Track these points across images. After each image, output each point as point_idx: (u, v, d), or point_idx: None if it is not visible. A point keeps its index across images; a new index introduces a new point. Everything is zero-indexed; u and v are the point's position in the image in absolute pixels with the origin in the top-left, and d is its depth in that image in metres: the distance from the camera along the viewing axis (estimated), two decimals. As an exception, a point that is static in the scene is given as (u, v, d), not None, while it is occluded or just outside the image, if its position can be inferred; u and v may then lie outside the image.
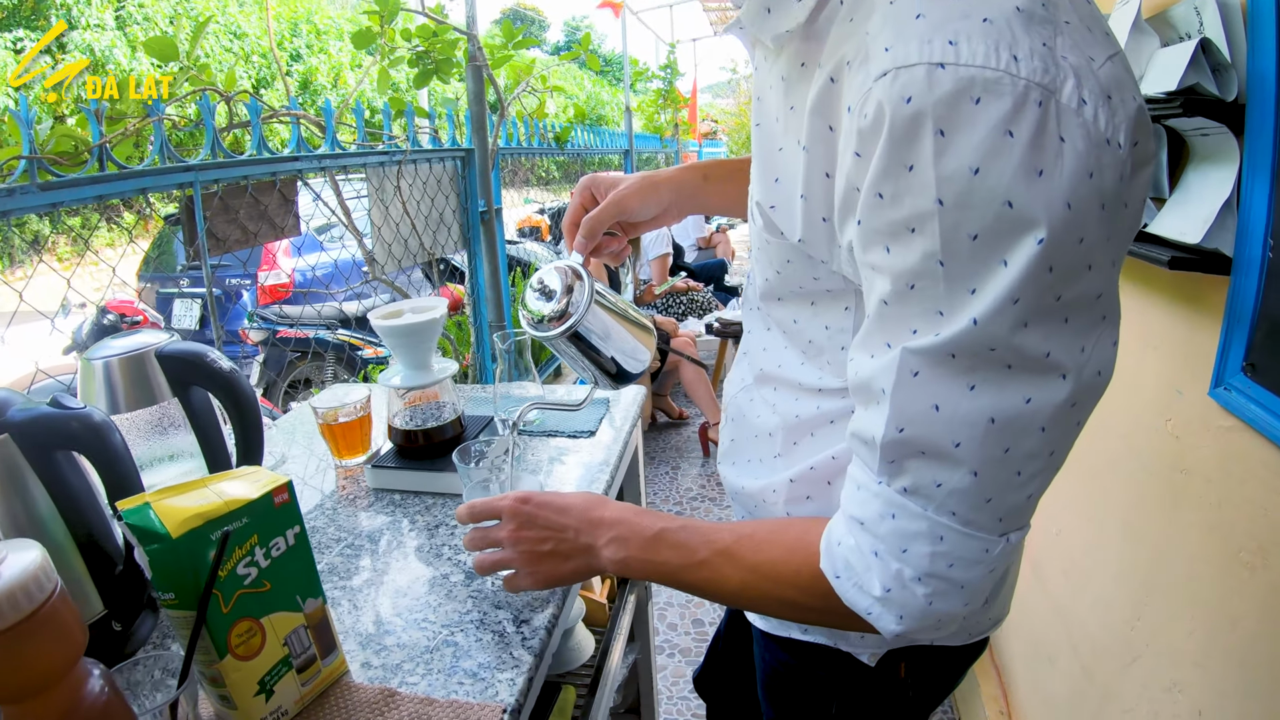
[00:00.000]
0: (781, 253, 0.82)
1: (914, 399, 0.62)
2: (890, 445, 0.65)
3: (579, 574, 0.95)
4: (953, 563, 0.66)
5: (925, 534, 0.66)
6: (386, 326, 1.30)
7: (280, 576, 0.82)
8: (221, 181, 1.87)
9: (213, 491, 0.77)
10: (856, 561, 0.70)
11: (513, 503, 0.96)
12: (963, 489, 0.63)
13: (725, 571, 0.84)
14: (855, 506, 0.70)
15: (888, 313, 0.63)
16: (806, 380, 0.89)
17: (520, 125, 3.67)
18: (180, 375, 1.06)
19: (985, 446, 0.61)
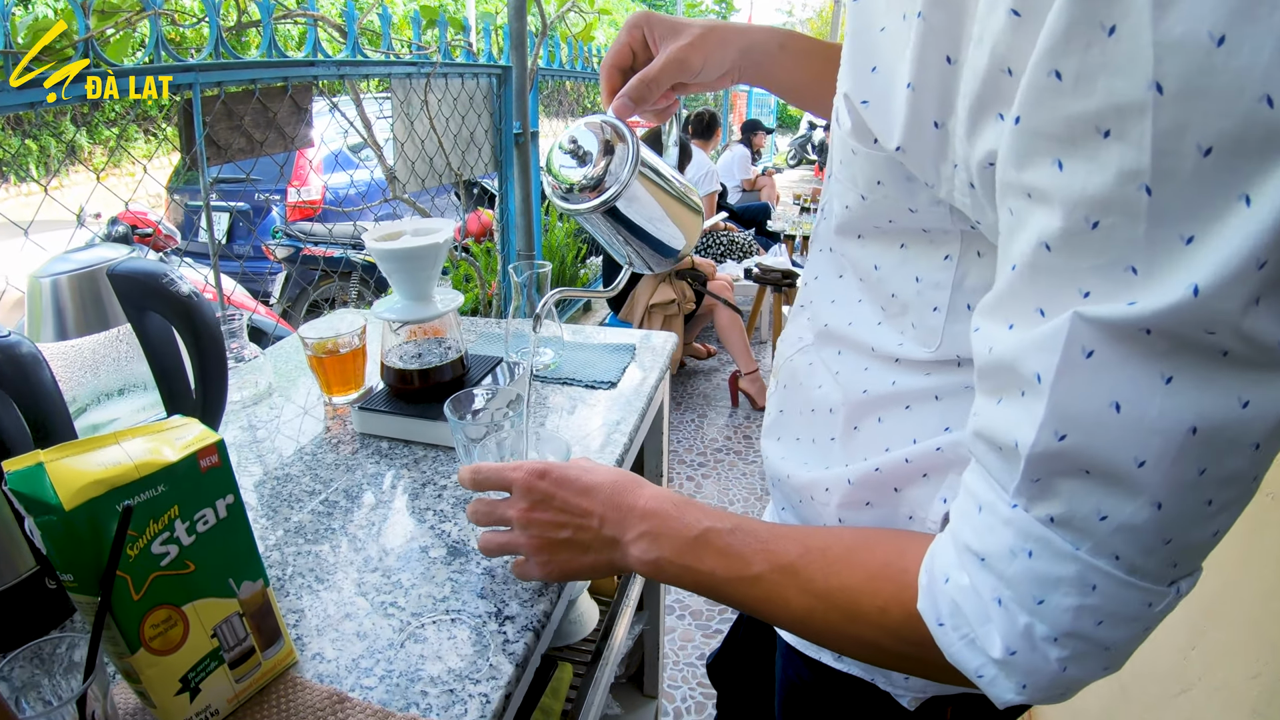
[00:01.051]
0: (870, 169, 0.62)
1: (1085, 392, 0.43)
2: (1041, 458, 0.45)
3: (598, 569, 0.79)
4: (1103, 619, 0.48)
5: (1072, 581, 0.47)
6: (382, 250, 1.14)
7: (208, 556, 0.67)
8: (225, 84, 1.70)
9: (123, 451, 0.63)
10: (970, 608, 0.52)
11: (526, 475, 0.79)
12: (1137, 525, 0.45)
13: (787, 593, 0.65)
14: (975, 535, 0.52)
15: (1048, 263, 0.44)
16: (882, 345, 0.70)
17: (564, 47, 3.46)
18: (133, 297, 0.92)
19: (1178, 467, 0.42)
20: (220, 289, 1.80)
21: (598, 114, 0.83)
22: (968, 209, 0.54)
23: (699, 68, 0.86)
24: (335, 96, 2.45)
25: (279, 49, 1.85)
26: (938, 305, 0.64)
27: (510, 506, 0.80)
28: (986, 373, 0.50)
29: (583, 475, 0.79)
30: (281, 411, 1.34)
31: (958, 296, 0.63)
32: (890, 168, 0.60)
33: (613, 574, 0.80)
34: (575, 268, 5.21)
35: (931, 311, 0.65)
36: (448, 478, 1.10)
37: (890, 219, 0.64)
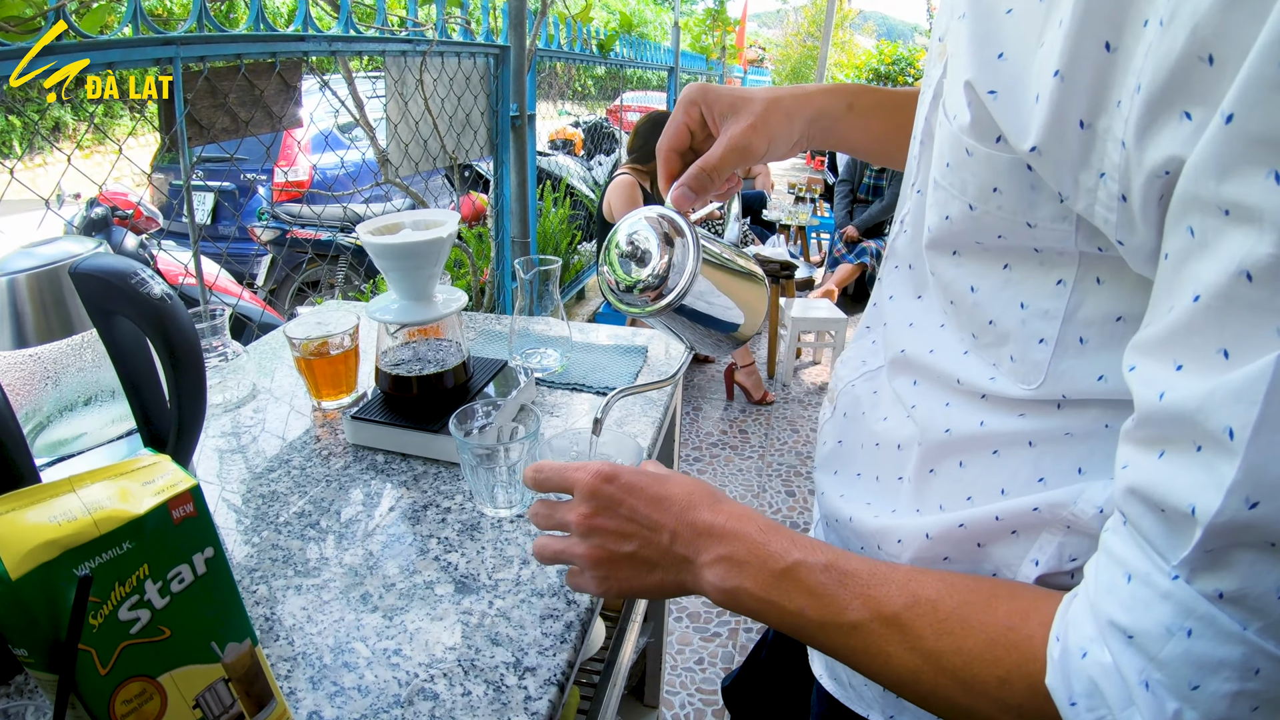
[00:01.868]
0: (988, 174, 0.53)
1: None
2: (1226, 528, 0.38)
3: (665, 590, 0.68)
4: (1259, 705, 0.41)
5: (1236, 665, 0.40)
6: (379, 245, 1.03)
7: (185, 618, 0.57)
8: (209, 59, 1.58)
9: (80, 502, 0.52)
10: (1111, 690, 0.44)
11: (591, 478, 0.68)
12: None
13: (889, 648, 0.56)
14: (1123, 609, 0.44)
15: (1247, 296, 0.36)
16: (969, 378, 0.61)
17: (562, 27, 3.34)
18: (99, 300, 0.81)
19: None
20: (201, 277, 1.69)
21: (655, 206, 0.75)
22: (1109, 227, 0.46)
23: (763, 151, 0.78)
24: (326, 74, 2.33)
25: (267, 23, 1.73)
26: (1045, 337, 0.55)
27: (570, 510, 0.69)
28: (1150, 420, 0.42)
29: (654, 483, 0.68)
30: (266, 416, 1.23)
31: (1069, 329, 0.54)
32: (1013, 173, 0.51)
33: (680, 595, 0.69)
34: (569, 255, 5.10)
35: (1037, 344, 0.56)
36: (451, 498, 1.00)
37: (1000, 234, 0.55)
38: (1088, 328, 0.54)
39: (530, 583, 0.85)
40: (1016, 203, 0.52)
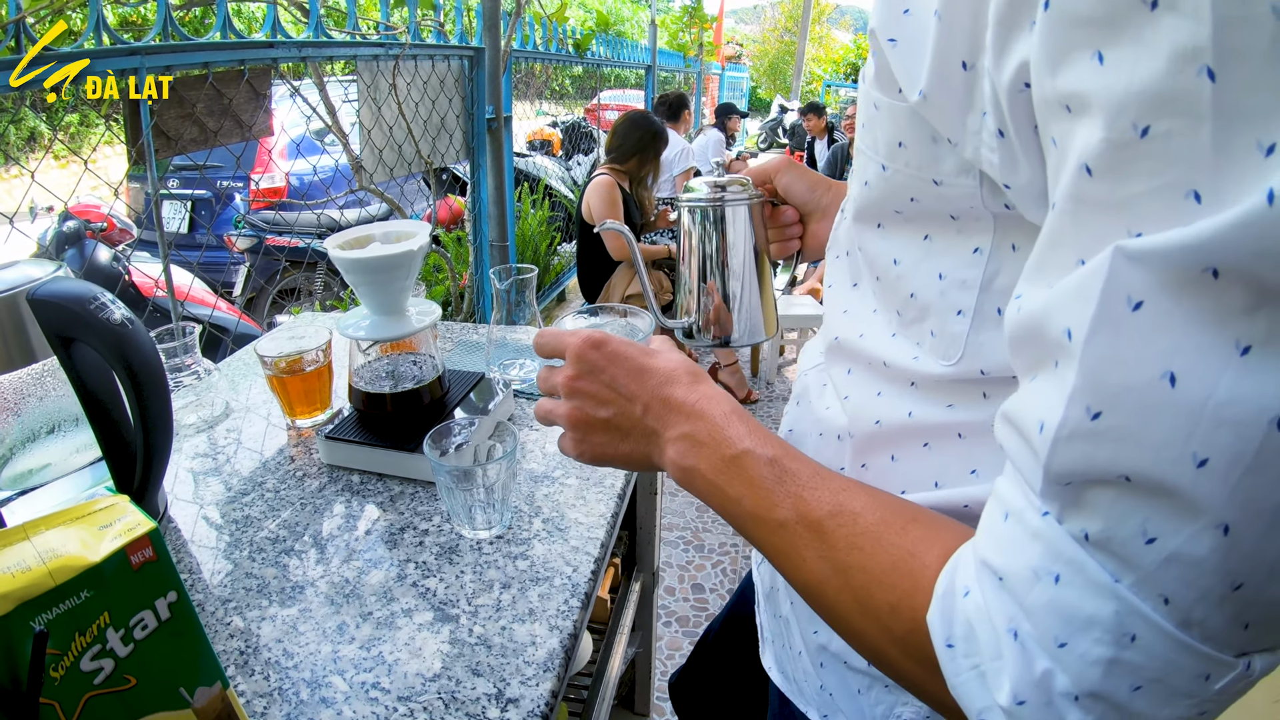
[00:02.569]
0: (892, 127, 0.53)
1: (1129, 356, 0.33)
2: (1068, 443, 0.35)
3: (634, 461, 0.68)
4: (1142, 684, 0.36)
5: (1107, 624, 0.36)
6: (348, 260, 1.00)
7: (151, 665, 0.55)
8: (176, 69, 1.55)
9: (35, 551, 0.50)
10: (983, 634, 0.41)
11: (581, 343, 0.68)
12: (1196, 556, 0.33)
13: (805, 552, 0.54)
14: (996, 547, 0.41)
15: (1090, 193, 0.34)
16: (895, 359, 0.61)
17: (537, 28, 3.32)
18: (58, 327, 0.78)
19: (1254, 476, 0.31)
20: (172, 290, 1.65)
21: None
22: (995, 170, 0.45)
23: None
24: (297, 80, 2.30)
25: (235, 30, 1.69)
26: (962, 308, 0.55)
27: (560, 373, 0.70)
28: (1017, 341, 0.40)
29: (640, 355, 0.67)
30: (240, 436, 1.20)
31: (986, 299, 0.54)
32: (913, 124, 0.51)
33: (646, 470, 0.71)
34: (549, 257, 5.07)
35: (955, 316, 0.55)
36: (429, 519, 0.98)
37: (913, 196, 0.55)
38: (1004, 297, 0.52)
39: (511, 607, 0.83)
40: (921, 157, 0.52)
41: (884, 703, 0.70)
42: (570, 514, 0.99)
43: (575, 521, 0.98)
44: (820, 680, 0.75)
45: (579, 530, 0.96)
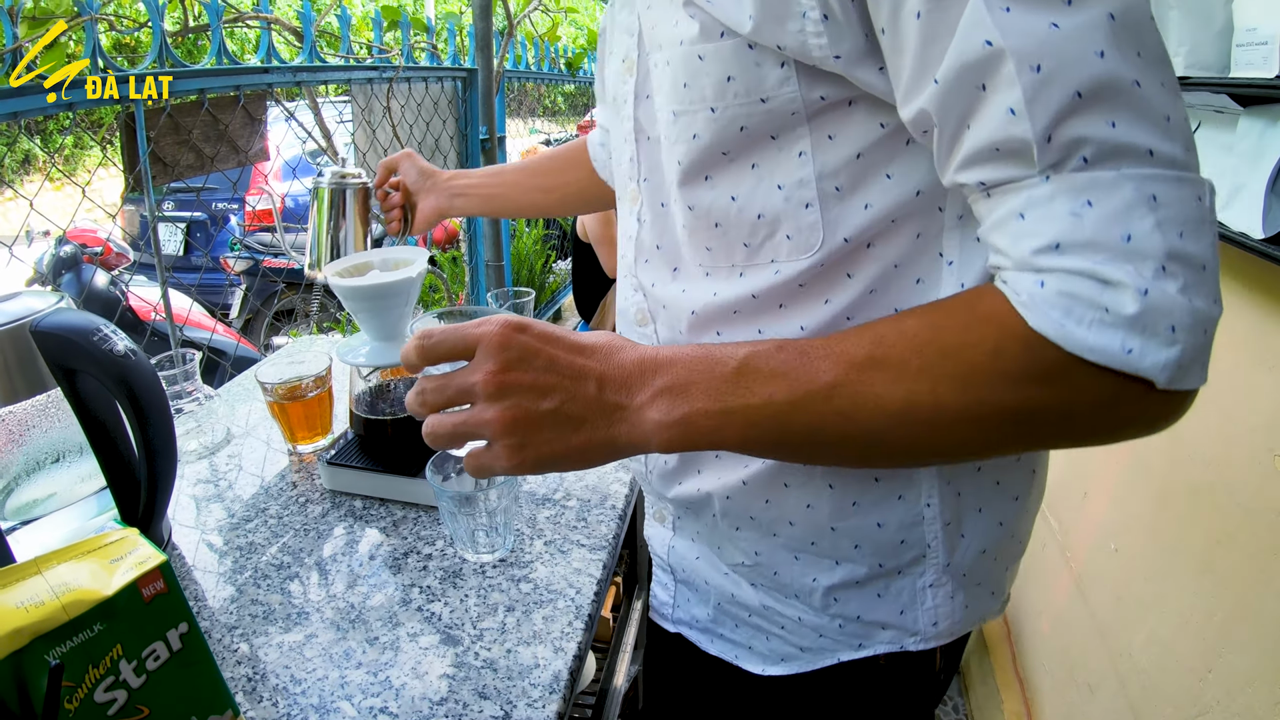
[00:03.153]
0: (719, 68, 0.61)
1: (1026, 28, 0.47)
2: (1038, 99, 0.47)
3: (589, 452, 0.60)
4: (1181, 229, 0.46)
5: (1136, 202, 0.46)
6: (347, 287, 1.00)
7: (163, 696, 0.55)
8: (172, 96, 1.56)
9: (47, 585, 0.50)
10: (1082, 288, 0.47)
11: (500, 329, 0.58)
12: (1139, 109, 0.46)
13: (875, 389, 0.54)
14: (1033, 236, 0.49)
15: None
16: (756, 288, 0.67)
17: (529, 47, 3.34)
18: (61, 358, 0.79)
19: (1124, 48, 0.46)
20: (170, 316, 1.66)
21: None
22: (825, 53, 0.56)
23: None
24: (292, 102, 2.31)
25: (230, 55, 1.71)
26: (809, 201, 0.63)
27: (475, 371, 0.58)
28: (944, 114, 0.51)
29: (571, 333, 0.61)
30: (242, 462, 1.21)
31: (824, 184, 0.62)
32: (738, 56, 0.60)
33: (603, 460, 0.61)
34: (544, 275, 5.09)
35: (804, 210, 0.64)
36: (432, 544, 0.98)
37: (742, 125, 0.63)
38: (837, 176, 0.62)
39: (516, 630, 0.84)
40: (748, 83, 0.61)
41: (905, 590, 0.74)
42: (572, 535, 1.00)
43: (577, 543, 0.98)
44: (839, 617, 0.77)
45: (581, 552, 0.97)
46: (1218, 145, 1.36)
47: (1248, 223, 1.17)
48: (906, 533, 0.71)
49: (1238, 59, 1.25)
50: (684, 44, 0.63)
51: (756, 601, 0.80)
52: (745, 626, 0.84)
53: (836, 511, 0.71)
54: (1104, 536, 1.89)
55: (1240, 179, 1.22)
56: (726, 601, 0.84)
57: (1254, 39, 1.19)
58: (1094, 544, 1.95)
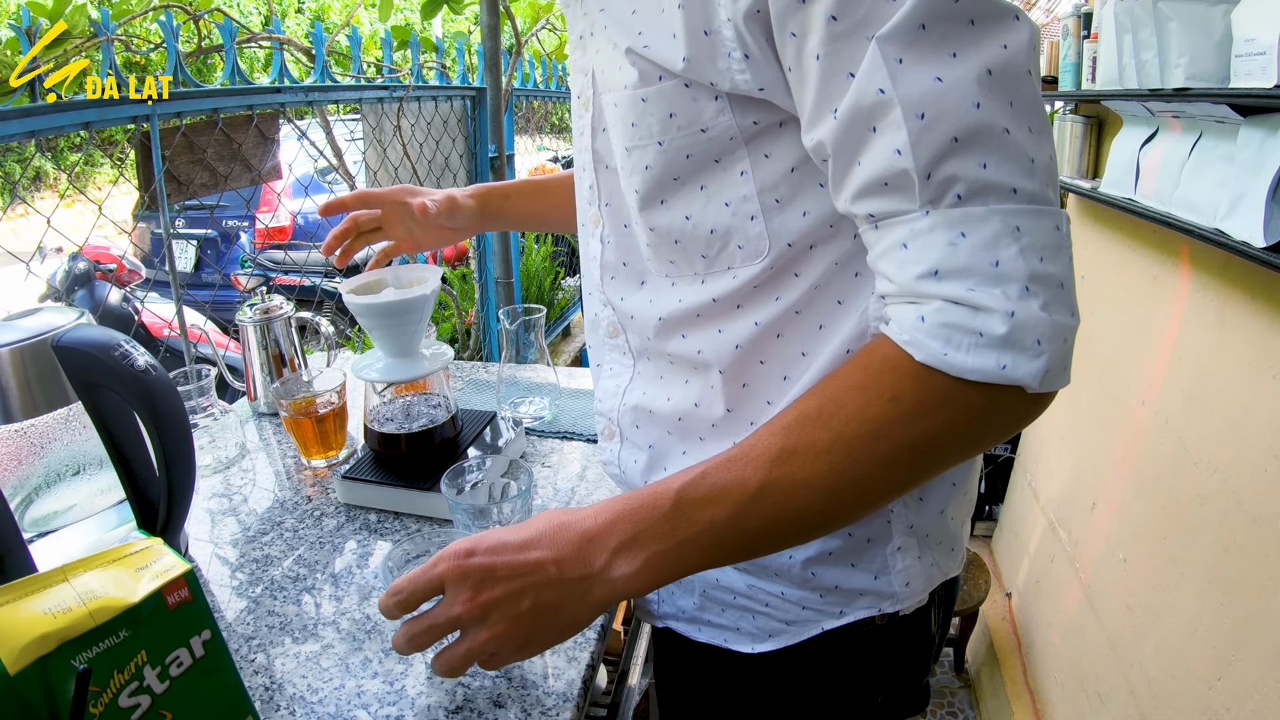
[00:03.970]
0: (662, 106, 0.69)
1: (914, 80, 0.54)
2: (920, 141, 0.54)
3: (578, 623, 0.68)
4: (1041, 254, 0.55)
5: (1002, 233, 0.54)
6: (361, 305, 1.02)
7: (186, 701, 0.56)
8: (186, 115, 1.58)
9: (74, 592, 0.51)
10: (957, 318, 0.55)
11: (451, 564, 0.66)
12: (1006, 152, 0.54)
13: (800, 475, 0.61)
14: (915, 264, 0.56)
15: (838, 30, 0.55)
16: (718, 292, 0.74)
17: (537, 66, 3.36)
18: (82, 374, 0.80)
19: (998, 99, 0.54)
20: (185, 332, 1.68)
21: None
22: (751, 86, 0.63)
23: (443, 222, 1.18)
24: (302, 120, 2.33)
25: (243, 75, 1.73)
26: (753, 214, 0.70)
27: (451, 605, 0.67)
28: (842, 139, 0.58)
29: (512, 533, 0.68)
30: (256, 477, 1.22)
31: (765, 198, 0.70)
32: (677, 95, 0.67)
33: (594, 617, 0.68)
34: (553, 292, 5.10)
35: (750, 221, 0.71)
36: (448, 554, 0.99)
37: (688, 153, 0.70)
38: (776, 189, 0.69)
39: (530, 639, 0.85)
40: (689, 117, 0.68)
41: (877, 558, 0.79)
42: (585, 546, 1.00)
43: (590, 553, 0.99)
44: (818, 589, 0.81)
45: (594, 562, 0.97)
46: (1219, 155, 1.37)
47: (1249, 231, 1.18)
48: None
49: (1237, 69, 1.26)
50: (627, 88, 0.71)
51: (742, 583, 0.83)
52: (731, 609, 0.86)
53: None
54: (1112, 547, 1.89)
55: (1241, 188, 1.23)
56: (711, 588, 0.86)
57: (1252, 49, 1.20)
58: (1102, 555, 1.95)
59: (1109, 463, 1.99)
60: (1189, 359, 1.64)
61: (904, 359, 0.58)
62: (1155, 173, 1.62)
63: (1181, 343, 1.68)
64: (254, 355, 1.40)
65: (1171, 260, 1.76)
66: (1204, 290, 1.60)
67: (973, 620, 2.53)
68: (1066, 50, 2.12)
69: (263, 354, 1.40)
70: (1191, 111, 1.45)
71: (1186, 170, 1.49)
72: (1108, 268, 2.14)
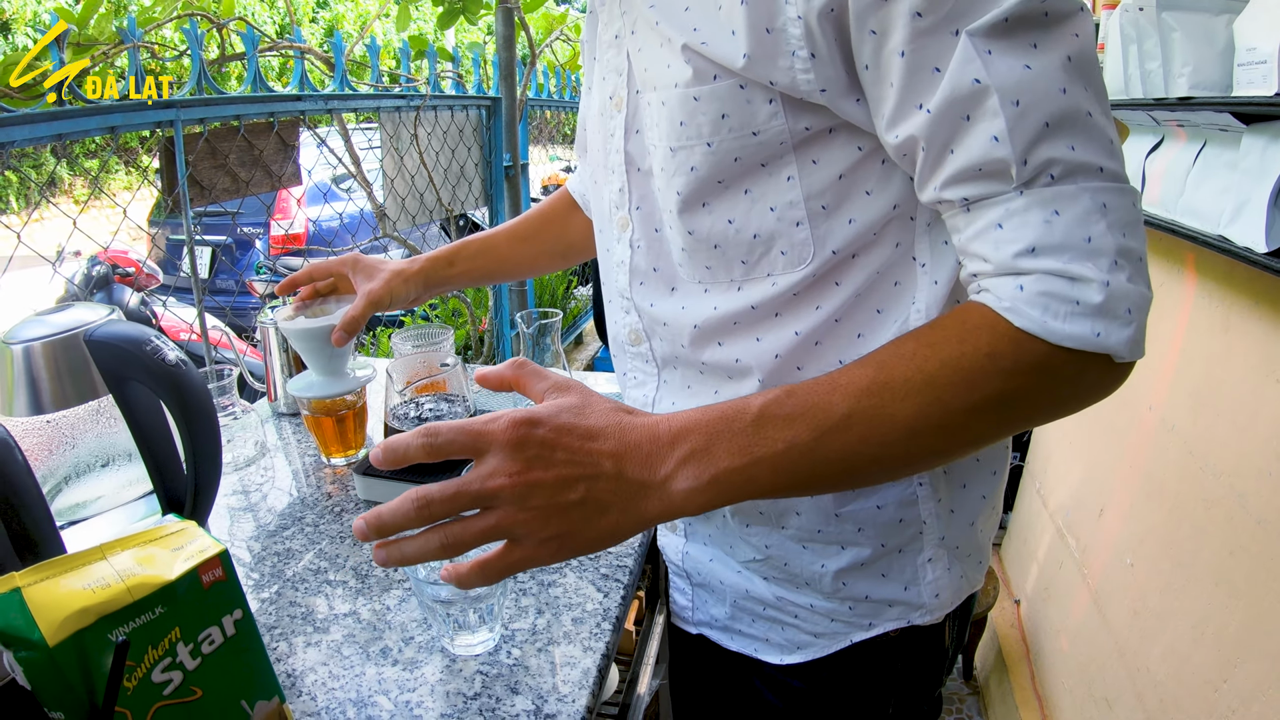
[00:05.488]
0: (715, 106, 0.70)
1: (1006, 69, 0.57)
2: (1017, 128, 0.57)
3: (618, 533, 0.60)
4: (1124, 230, 0.59)
5: (1092, 210, 0.58)
6: (290, 330, 1.17)
7: (216, 679, 0.59)
8: (208, 121, 1.62)
9: (113, 569, 0.54)
10: (1056, 287, 0.58)
11: (509, 426, 0.58)
12: (1091, 135, 0.58)
13: (889, 410, 0.59)
14: (1013, 242, 0.59)
15: (925, 26, 0.58)
16: (756, 298, 0.76)
17: (551, 76, 3.40)
18: (114, 367, 0.83)
19: (1078, 84, 0.58)
20: (206, 336, 1.71)
21: None
22: (812, 87, 0.65)
23: (388, 303, 1.17)
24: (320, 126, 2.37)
25: (264, 83, 1.77)
26: (799, 220, 0.72)
27: (493, 475, 0.57)
28: (931, 140, 0.61)
29: (579, 418, 0.61)
30: (275, 475, 1.25)
31: (812, 204, 0.71)
32: (732, 96, 0.69)
33: (635, 533, 0.61)
34: (566, 301, 5.14)
35: (796, 227, 0.72)
36: (464, 549, 1.01)
37: (736, 156, 0.71)
38: (823, 195, 0.71)
39: (546, 632, 0.87)
40: (742, 119, 0.69)
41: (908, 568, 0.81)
42: (598, 542, 1.03)
43: (605, 551, 1.01)
44: (849, 600, 0.83)
45: (609, 559, 1.00)
46: (1223, 163, 1.39)
47: (1252, 238, 1.19)
48: (904, 512, 0.78)
49: (1239, 78, 1.27)
50: (679, 86, 0.71)
51: (770, 595, 0.85)
52: (761, 620, 0.88)
53: (839, 498, 0.78)
54: (1120, 552, 1.90)
55: (1244, 195, 1.25)
56: (742, 598, 0.88)
57: (1254, 58, 1.22)
58: (1110, 560, 1.95)
59: (1117, 469, 2.00)
60: (1195, 365, 1.65)
61: (1001, 322, 0.59)
62: (1160, 180, 1.63)
63: (1187, 349, 1.69)
64: (275, 357, 1.43)
65: (1177, 267, 1.77)
66: (1209, 297, 1.61)
67: (981, 626, 2.54)
68: (1075, 60, 2.15)
69: (283, 356, 1.43)
70: (1195, 120, 1.47)
71: (1191, 178, 1.50)
72: (1116, 276, 2.15)
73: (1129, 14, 1.59)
